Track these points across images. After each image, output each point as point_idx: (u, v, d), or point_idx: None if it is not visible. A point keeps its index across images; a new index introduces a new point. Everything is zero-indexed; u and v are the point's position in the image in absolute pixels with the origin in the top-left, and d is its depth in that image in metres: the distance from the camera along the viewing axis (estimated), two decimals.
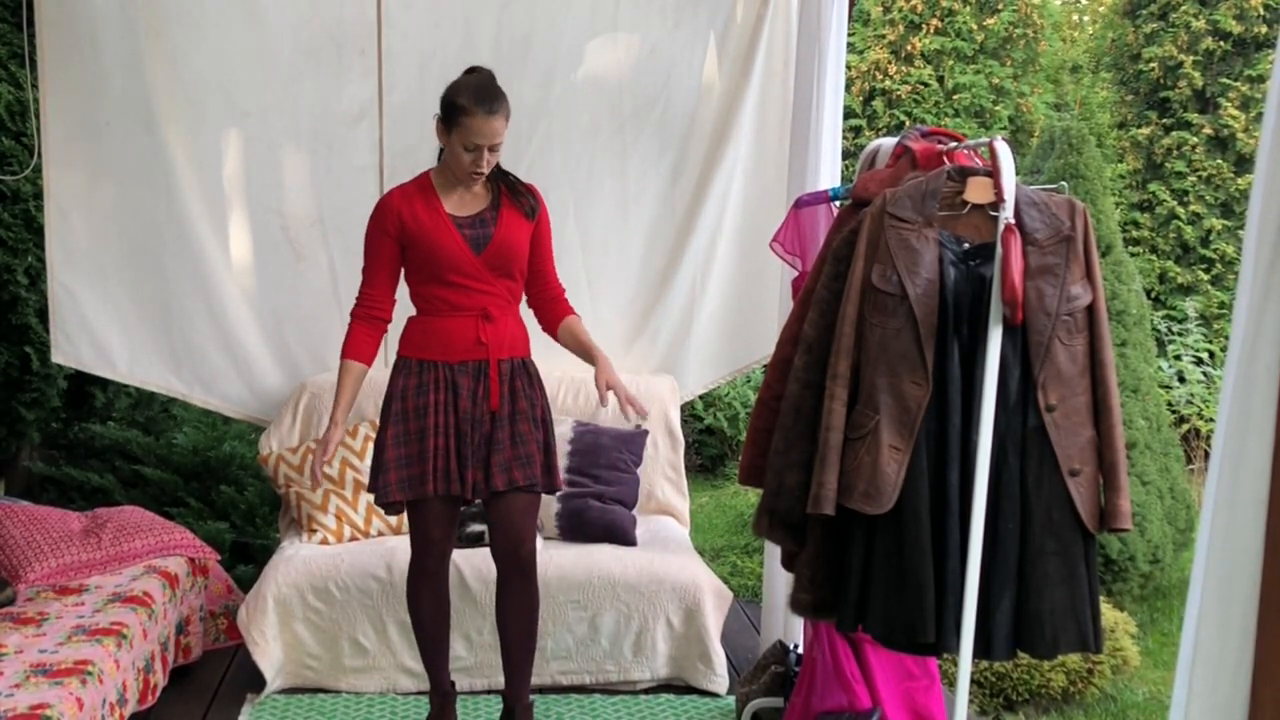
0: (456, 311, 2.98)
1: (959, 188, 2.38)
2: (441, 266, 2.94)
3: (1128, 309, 5.12)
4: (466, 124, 2.82)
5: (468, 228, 2.96)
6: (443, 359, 2.98)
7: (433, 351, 2.98)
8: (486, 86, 2.86)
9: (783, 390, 2.52)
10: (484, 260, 2.96)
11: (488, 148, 2.86)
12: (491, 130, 2.84)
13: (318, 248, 4.18)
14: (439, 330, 2.98)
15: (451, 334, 2.97)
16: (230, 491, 4.73)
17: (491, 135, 2.84)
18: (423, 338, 2.99)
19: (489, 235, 2.97)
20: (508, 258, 3.00)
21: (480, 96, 2.82)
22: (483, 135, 2.83)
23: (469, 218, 2.98)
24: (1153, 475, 4.95)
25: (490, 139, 2.85)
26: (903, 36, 9.15)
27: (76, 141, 3.85)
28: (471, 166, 2.89)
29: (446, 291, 2.97)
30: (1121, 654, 3.99)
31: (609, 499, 3.92)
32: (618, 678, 3.67)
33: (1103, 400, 2.32)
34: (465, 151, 2.86)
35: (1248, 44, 8.47)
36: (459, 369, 2.98)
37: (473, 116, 2.81)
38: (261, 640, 3.49)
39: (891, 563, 2.30)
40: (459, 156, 2.88)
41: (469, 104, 2.81)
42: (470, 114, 2.81)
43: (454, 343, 2.97)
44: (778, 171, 4.12)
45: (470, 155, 2.87)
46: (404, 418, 2.97)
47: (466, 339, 2.97)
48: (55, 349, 3.97)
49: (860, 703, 2.90)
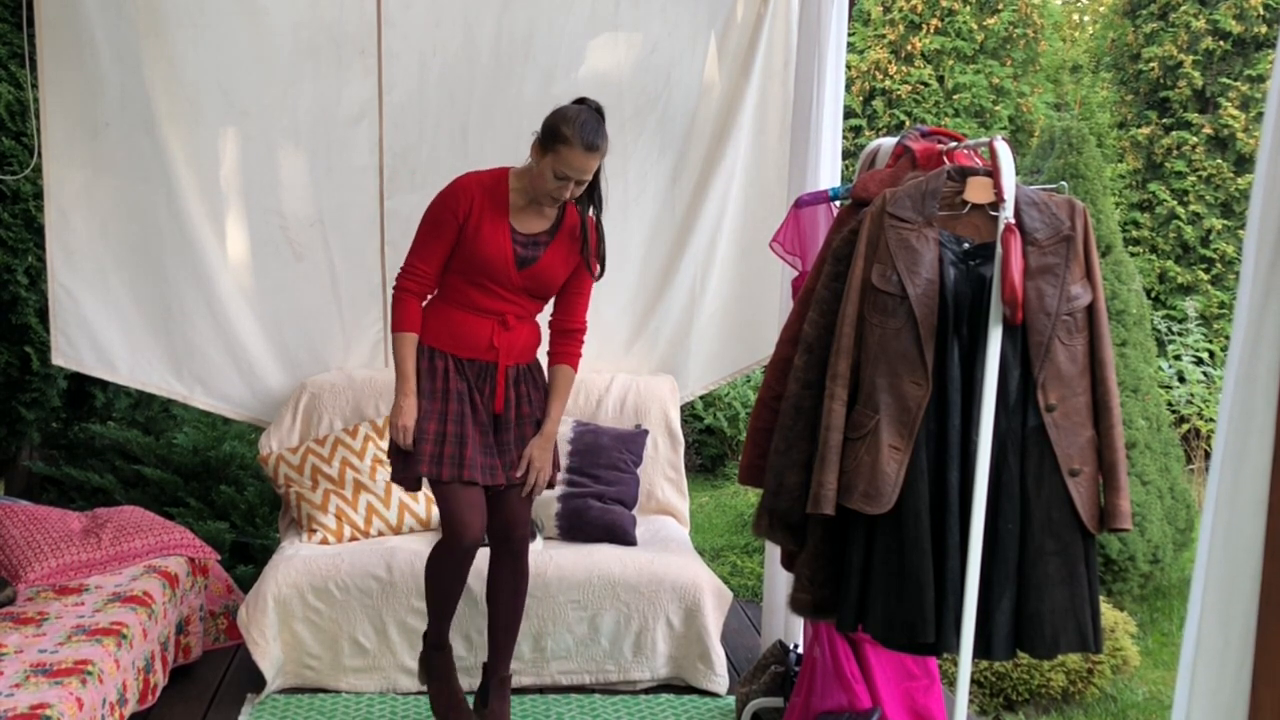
0: (478, 311, 3.02)
1: (959, 188, 2.38)
2: (482, 270, 2.98)
3: (1128, 309, 5.12)
4: (564, 154, 2.85)
5: (521, 245, 3.00)
6: (452, 352, 3.03)
7: (443, 342, 3.03)
8: (593, 123, 2.89)
9: (783, 390, 2.52)
10: (522, 278, 3.01)
11: (574, 180, 2.90)
12: (585, 165, 2.88)
13: (317, 248, 4.18)
14: (457, 322, 3.02)
15: (467, 331, 3.02)
16: (230, 491, 4.73)
17: (583, 170, 2.89)
18: (437, 325, 3.03)
19: (536, 258, 3.02)
20: (544, 283, 3.06)
21: (584, 131, 2.85)
22: (575, 168, 2.87)
23: (527, 236, 3.01)
24: (1153, 475, 4.95)
25: (581, 173, 2.89)
26: (903, 36, 9.16)
27: (76, 141, 3.85)
28: (555, 192, 2.92)
29: (475, 291, 3.01)
30: (1121, 654, 3.99)
31: (609, 499, 3.92)
32: (618, 678, 3.67)
33: (1103, 400, 2.32)
34: (554, 178, 2.89)
35: (1248, 44, 8.47)
36: (467, 365, 3.03)
37: (573, 149, 2.85)
38: (261, 640, 3.49)
39: (891, 563, 2.29)
40: (545, 179, 2.91)
41: (572, 135, 2.85)
42: (571, 146, 2.85)
43: (466, 340, 3.02)
44: (778, 171, 4.12)
45: (558, 183, 2.90)
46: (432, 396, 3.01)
47: (480, 340, 3.03)
48: (55, 351, 3.96)
49: (860, 703, 2.90)
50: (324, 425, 4.11)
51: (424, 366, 3.02)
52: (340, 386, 4.16)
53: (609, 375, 4.32)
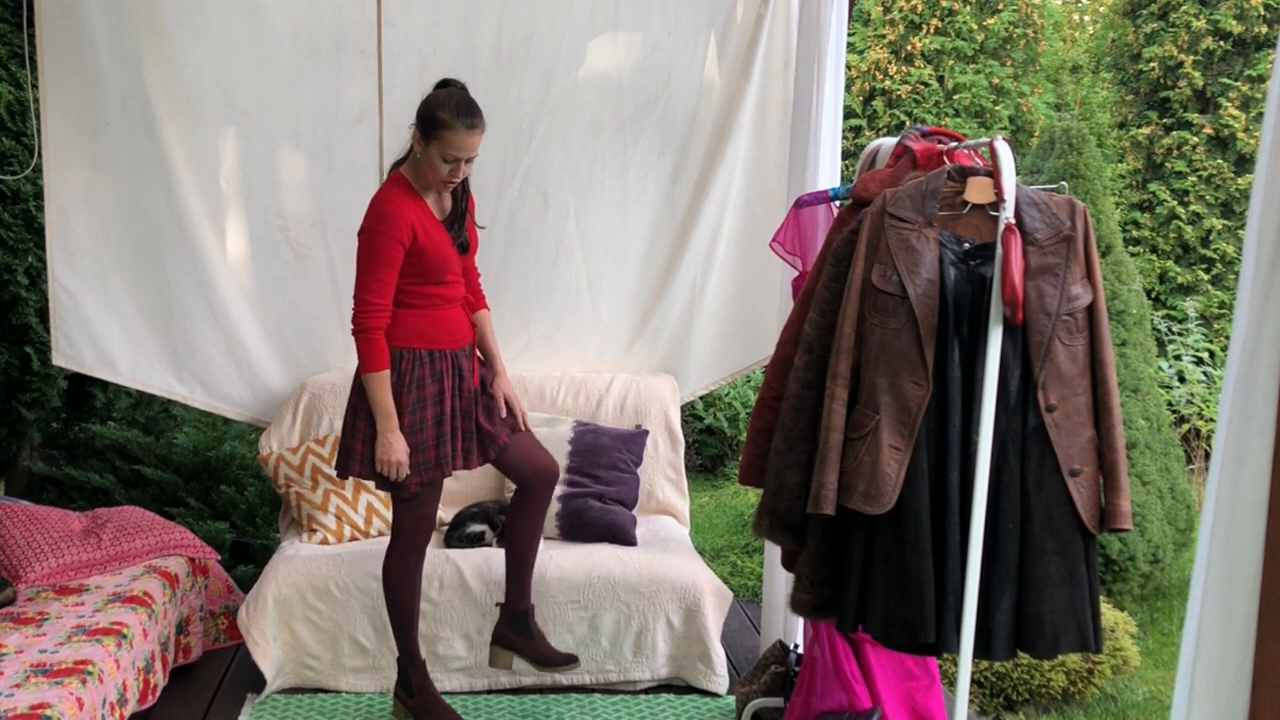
0: (449, 304, 3.15)
1: (959, 188, 2.38)
2: (441, 269, 3.10)
3: (1128, 309, 5.12)
4: (447, 137, 2.94)
5: (449, 230, 3.14)
6: (450, 347, 3.14)
7: (441, 341, 3.12)
8: (467, 101, 2.97)
9: (783, 390, 2.52)
10: (461, 261, 3.19)
11: (464, 160, 2.99)
12: (470, 144, 2.97)
13: (318, 248, 4.18)
14: (441, 320, 3.13)
15: (450, 324, 3.15)
16: (230, 491, 4.73)
17: (470, 149, 2.98)
18: (427, 328, 3.11)
19: (464, 238, 3.19)
20: (471, 256, 3.27)
21: (461, 111, 2.94)
22: (462, 149, 2.96)
23: (446, 221, 3.15)
24: (1153, 475, 4.95)
25: (468, 152, 2.98)
26: (903, 36, 9.15)
27: (76, 141, 3.85)
28: (448, 176, 3.02)
29: (440, 289, 3.12)
30: (1121, 654, 3.99)
31: (609, 499, 3.92)
32: (618, 678, 3.67)
33: (1103, 400, 2.32)
34: (444, 163, 2.98)
35: (1248, 44, 8.47)
36: (461, 354, 3.18)
37: (454, 130, 2.93)
38: (261, 640, 3.49)
39: (891, 563, 2.29)
40: (436, 166, 2.99)
41: (450, 118, 2.92)
42: (451, 128, 2.93)
43: (455, 331, 3.16)
44: (778, 171, 4.12)
45: (448, 166, 2.99)
46: (421, 406, 3.09)
47: (462, 327, 3.19)
48: (56, 352, 3.96)
49: (860, 703, 2.90)
50: (324, 425, 4.11)
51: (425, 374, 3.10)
52: (340, 386, 4.16)
53: (609, 375, 4.32)
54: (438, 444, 3.11)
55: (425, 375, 3.09)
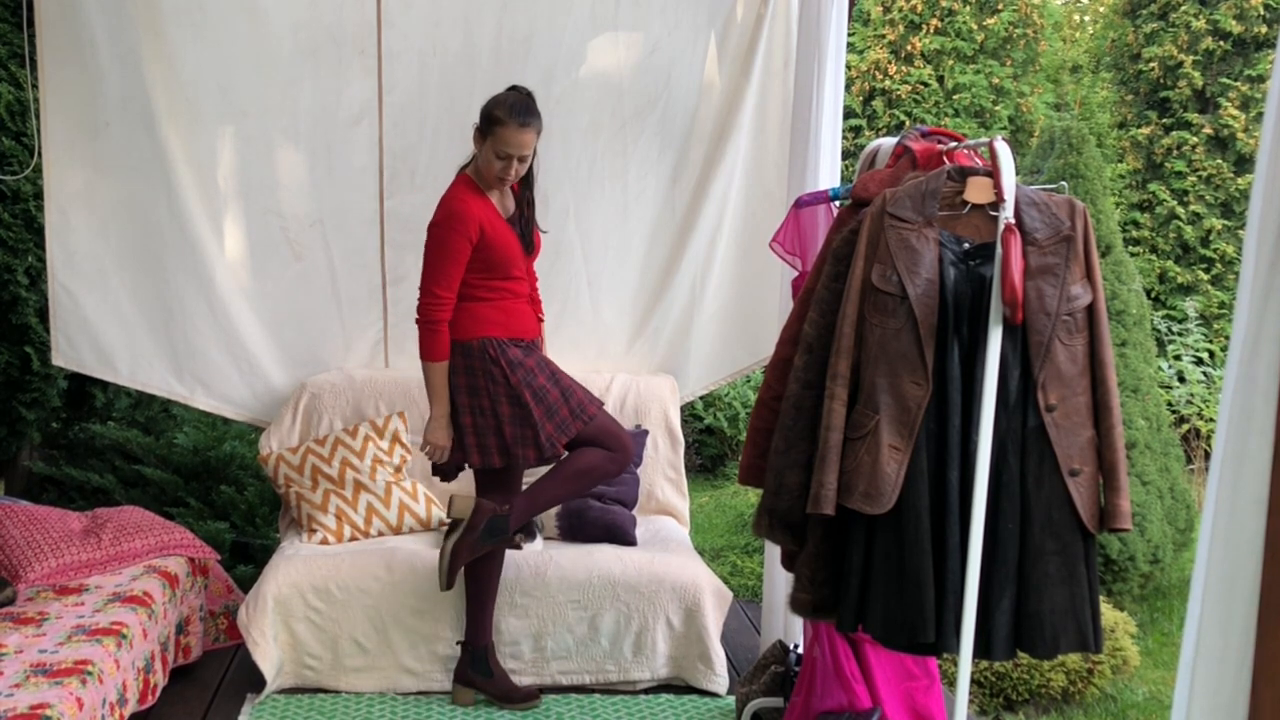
0: (517, 298, 3.33)
1: (959, 188, 2.38)
2: (509, 264, 3.27)
3: (1128, 309, 5.12)
4: (500, 133, 3.13)
5: (514, 228, 3.31)
6: (524, 336, 3.33)
7: (515, 330, 3.30)
8: (523, 102, 3.17)
9: (783, 390, 2.52)
10: (527, 260, 3.37)
11: (517, 158, 3.16)
12: (522, 141, 3.15)
13: (317, 248, 4.18)
14: (514, 311, 3.31)
15: (521, 316, 3.33)
16: (230, 491, 4.73)
17: (521, 146, 3.15)
18: (502, 317, 3.26)
19: (530, 236, 3.36)
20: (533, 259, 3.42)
21: (516, 109, 3.14)
22: (514, 145, 3.14)
23: (510, 220, 3.31)
24: (1153, 475, 4.95)
25: (520, 150, 3.16)
26: (903, 36, 9.15)
27: (76, 141, 3.85)
28: (501, 173, 3.19)
29: (509, 283, 3.29)
30: (1121, 654, 3.99)
31: (609, 499, 3.92)
32: (618, 678, 3.67)
33: (1103, 400, 2.32)
34: (497, 159, 3.16)
35: (1248, 44, 8.47)
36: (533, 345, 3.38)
37: (506, 127, 3.12)
38: (261, 640, 3.49)
39: (891, 563, 2.29)
40: (491, 163, 3.18)
41: (504, 115, 3.13)
42: (504, 124, 3.13)
43: (526, 324, 3.35)
44: (778, 171, 4.12)
45: (501, 163, 3.17)
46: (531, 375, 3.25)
47: (531, 321, 3.39)
48: (56, 352, 3.96)
49: (860, 703, 2.90)
50: (324, 425, 4.11)
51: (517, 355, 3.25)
52: (340, 386, 4.17)
53: (609, 375, 4.32)
54: (566, 399, 3.27)
55: (518, 354, 3.25)
